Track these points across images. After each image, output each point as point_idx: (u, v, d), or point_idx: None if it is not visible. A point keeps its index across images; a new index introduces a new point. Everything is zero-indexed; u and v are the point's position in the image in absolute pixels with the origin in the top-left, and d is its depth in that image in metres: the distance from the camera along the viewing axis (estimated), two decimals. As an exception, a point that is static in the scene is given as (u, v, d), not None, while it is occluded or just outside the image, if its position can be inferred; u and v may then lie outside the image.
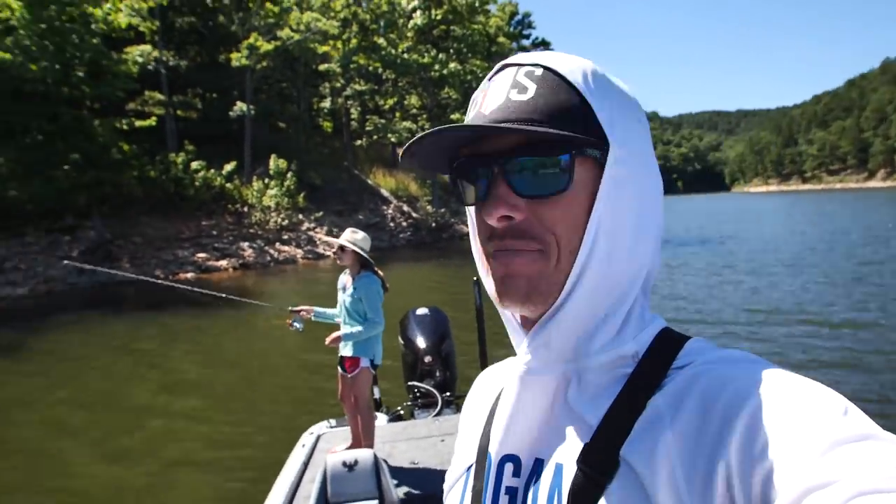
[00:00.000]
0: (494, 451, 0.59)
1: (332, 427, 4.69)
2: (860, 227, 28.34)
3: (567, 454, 0.53)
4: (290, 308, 4.26)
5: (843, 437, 0.39)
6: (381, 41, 30.62)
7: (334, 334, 3.99)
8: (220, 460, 5.52)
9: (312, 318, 4.28)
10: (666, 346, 0.54)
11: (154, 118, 20.74)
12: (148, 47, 21.24)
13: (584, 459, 0.51)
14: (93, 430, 6.40)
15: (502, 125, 0.51)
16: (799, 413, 0.42)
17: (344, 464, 3.23)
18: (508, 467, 0.58)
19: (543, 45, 52.07)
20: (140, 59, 19.69)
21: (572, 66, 0.54)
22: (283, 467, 3.93)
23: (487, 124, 0.51)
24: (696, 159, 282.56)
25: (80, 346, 10.56)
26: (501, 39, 39.89)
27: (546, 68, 0.54)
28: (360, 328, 3.94)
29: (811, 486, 0.38)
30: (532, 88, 0.53)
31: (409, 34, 33.12)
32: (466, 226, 0.56)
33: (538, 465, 0.56)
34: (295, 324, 4.19)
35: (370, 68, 31.55)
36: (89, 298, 15.02)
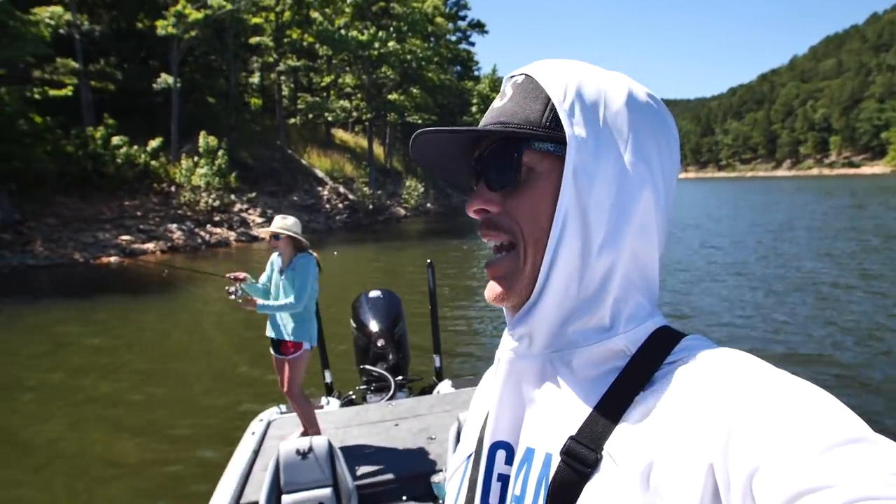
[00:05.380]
0: (486, 438, 0.60)
1: (282, 413, 4.57)
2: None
3: (555, 444, 0.54)
4: (228, 275, 4.01)
5: (835, 439, 0.39)
6: (317, 15, 29.64)
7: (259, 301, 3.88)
8: (164, 451, 5.25)
9: (245, 287, 4.02)
10: (660, 343, 0.55)
11: (70, 88, 19.16)
12: (59, 9, 19.52)
13: (568, 451, 0.52)
14: (25, 425, 5.94)
15: (437, 128, 0.58)
16: (790, 414, 0.42)
17: (298, 451, 3.14)
18: (500, 454, 0.59)
19: (478, 26, 52.14)
20: (51, 22, 18.07)
21: (551, 70, 0.58)
22: (233, 456, 3.78)
23: (436, 128, 0.58)
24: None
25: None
26: (439, 20, 39.62)
27: (527, 75, 0.59)
28: (280, 302, 3.86)
29: (803, 489, 0.37)
30: (509, 94, 0.59)
31: (347, 10, 32.24)
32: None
33: (529, 454, 0.57)
34: (238, 293, 3.89)
35: (304, 43, 30.52)
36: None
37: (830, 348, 7.56)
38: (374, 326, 4.99)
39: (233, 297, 3.87)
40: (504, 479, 0.58)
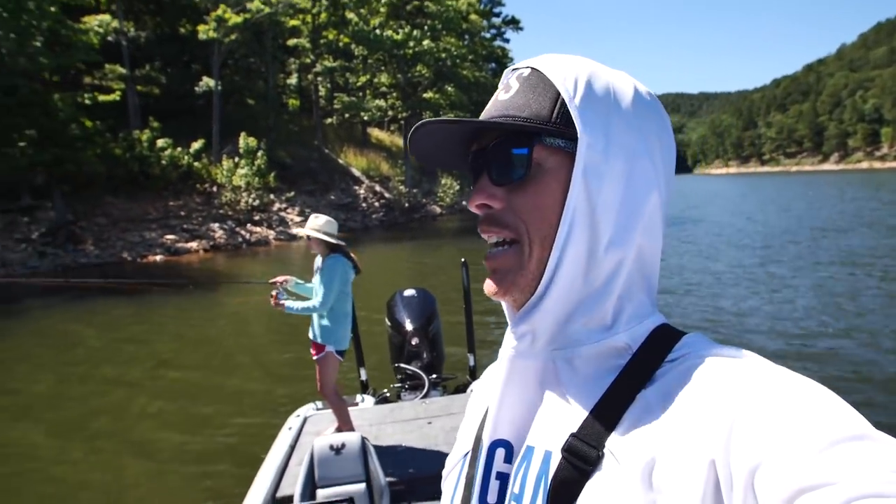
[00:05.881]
0: (486, 436, 0.59)
1: (318, 409, 4.66)
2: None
3: (556, 442, 0.53)
4: (270, 281, 4.16)
5: (837, 436, 0.39)
6: (352, 16, 29.97)
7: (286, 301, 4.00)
8: (205, 444, 5.44)
9: (292, 287, 4.20)
10: (661, 340, 0.55)
11: (118, 93, 19.91)
12: (107, 17, 20.28)
13: (569, 448, 0.51)
14: (66, 418, 6.22)
15: (448, 118, 0.56)
16: (792, 410, 0.42)
17: (331, 447, 3.19)
18: (500, 453, 0.59)
19: (513, 22, 51.74)
20: (100, 30, 18.80)
21: (559, 65, 0.56)
22: (270, 450, 3.89)
23: (441, 118, 0.56)
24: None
25: (45, 332, 10.21)
26: (473, 17, 39.50)
27: (533, 69, 0.57)
28: (305, 304, 3.93)
29: (805, 486, 0.37)
30: (515, 88, 0.57)
31: (382, 9, 32.49)
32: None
33: (528, 452, 0.56)
34: (281, 297, 4.02)
35: (340, 44, 30.89)
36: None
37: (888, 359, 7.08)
38: (408, 325, 4.99)
39: (278, 301, 3.98)
40: (503, 478, 0.58)
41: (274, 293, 4.00)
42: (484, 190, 0.57)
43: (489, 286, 0.59)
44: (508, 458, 0.58)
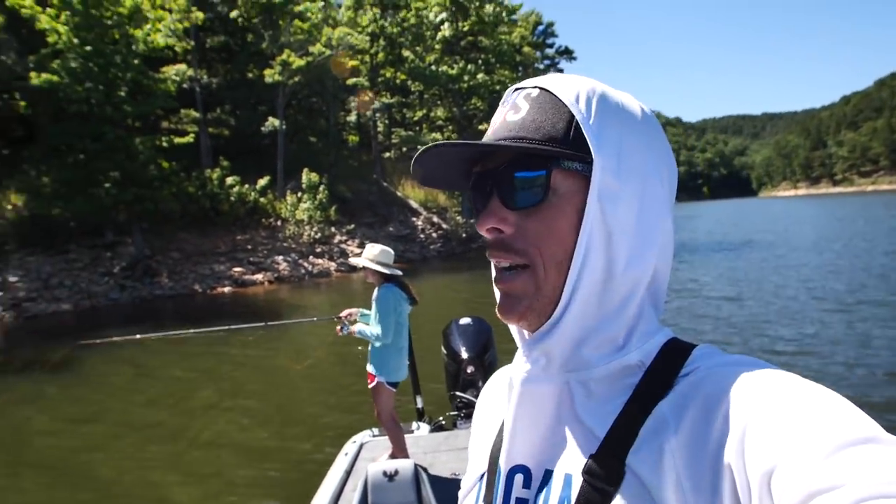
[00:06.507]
0: (503, 463, 0.59)
1: (374, 436, 4.73)
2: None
3: (575, 465, 0.53)
4: (335, 317, 4.34)
5: (847, 439, 0.39)
6: (408, 54, 30.97)
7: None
8: (265, 468, 5.58)
9: (358, 319, 4.33)
10: (672, 355, 0.55)
11: (192, 135, 21.28)
12: (183, 66, 21.86)
13: (590, 470, 0.51)
14: (134, 443, 6.52)
15: (459, 141, 0.54)
16: (803, 414, 0.42)
17: (384, 473, 3.23)
18: (518, 478, 0.58)
19: (566, 53, 51.89)
20: (177, 78, 20.27)
21: (568, 85, 0.56)
22: (326, 475, 3.98)
23: (453, 141, 0.54)
24: (722, 164, 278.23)
25: (121, 359, 10.81)
26: (526, 49, 39.97)
27: (542, 89, 0.56)
28: (370, 329, 4.00)
29: (815, 489, 0.37)
30: (525, 108, 0.56)
31: (437, 46, 33.43)
32: None
33: (548, 476, 0.56)
34: (344, 329, 4.19)
35: (397, 81, 31.91)
36: (131, 314, 15.42)
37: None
38: (464, 353, 4.94)
39: (343, 333, 4.16)
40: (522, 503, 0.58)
41: (339, 328, 4.16)
42: (495, 213, 0.56)
43: (505, 312, 0.58)
44: (527, 484, 0.58)
